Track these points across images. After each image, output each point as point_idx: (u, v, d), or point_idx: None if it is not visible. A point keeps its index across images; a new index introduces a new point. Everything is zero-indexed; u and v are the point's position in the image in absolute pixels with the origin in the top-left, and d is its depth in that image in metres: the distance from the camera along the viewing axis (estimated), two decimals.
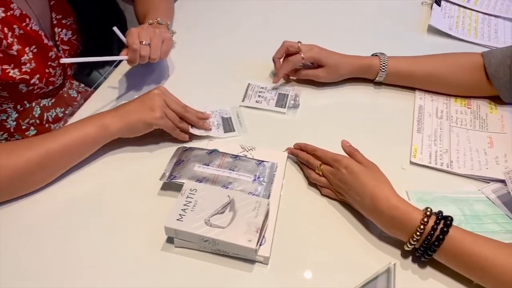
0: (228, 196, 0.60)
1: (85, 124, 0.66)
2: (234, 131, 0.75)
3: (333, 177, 0.63)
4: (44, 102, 0.89)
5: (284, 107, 0.81)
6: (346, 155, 0.65)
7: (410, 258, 0.60)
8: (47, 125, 0.92)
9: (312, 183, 0.68)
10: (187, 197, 0.60)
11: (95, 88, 0.85)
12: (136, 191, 0.66)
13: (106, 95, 0.82)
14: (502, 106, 0.83)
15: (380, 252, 0.61)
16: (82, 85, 1.06)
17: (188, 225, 0.57)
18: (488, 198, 0.67)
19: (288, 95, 0.83)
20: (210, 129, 0.74)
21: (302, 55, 0.80)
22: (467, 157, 0.73)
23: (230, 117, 0.77)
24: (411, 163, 0.73)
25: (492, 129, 0.78)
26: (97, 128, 0.66)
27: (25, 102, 0.84)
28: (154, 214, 0.63)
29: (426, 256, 0.56)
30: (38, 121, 0.90)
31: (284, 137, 0.75)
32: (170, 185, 0.65)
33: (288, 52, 0.83)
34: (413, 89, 0.86)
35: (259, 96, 0.83)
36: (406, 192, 0.67)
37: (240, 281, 0.57)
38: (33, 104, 0.86)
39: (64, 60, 0.69)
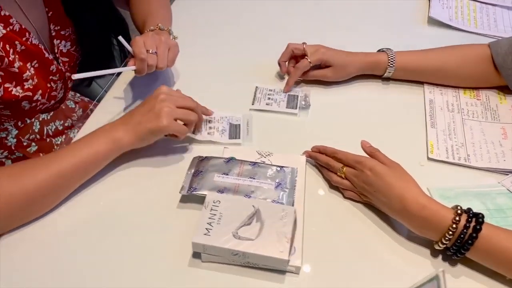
0: (253, 206, 0.59)
1: (95, 140, 0.63)
2: (238, 138, 0.73)
3: (357, 179, 0.62)
4: (43, 116, 0.86)
5: (295, 108, 0.79)
6: (367, 155, 0.64)
7: (440, 256, 0.60)
8: (48, 140, 0.89)
9: (333, 186, 0.67)
10: (211, 209, 0.58)
11: (98, 101, 0.83)
12: (154, 206, 0.64)
13: (111, 106, 0.80)
14: (511, 95, 0.83)
15: (410, 253, 0.60)
16: (78, 94, 1.03)
17: (217, 239, 0.55)
18: (509, 190, 0.67)
19: (297, 96, 0.81)
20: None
21: (309, 60, 0.79)
22: (483, 150, 0.73)
23: (239, 125, 0.75)
24: (429, 159, 0.72)
25: (504, 120, 0.78)
26: (108, 143, 0.63)
27: (26, 118, 0.81)
28: (176, 228, 0.61)
29: (459, 255, 0.56)
30: (38, 136, 0.87)
31: (298, 139, 0.74)
32: (189, 197, 0.64)
33: (293, 55, 0.82)
34: (421, 83, 0.86)
35: (269, 98, 0.81)
36: (427, 190, 0.67)
37: None
38: (33, 119, 0.83)
39: (76, 76, 0.66)
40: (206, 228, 0.56)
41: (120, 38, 0.73)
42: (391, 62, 0.81)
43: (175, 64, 0.84)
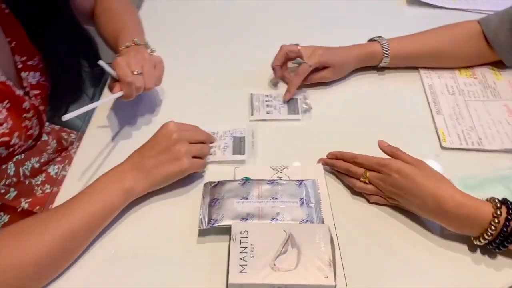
0: (284, 231, 0.54)
1: (105, 192, 0.57)
2: (243, 153, 0.68)
3: (383, 183, 0.59)
4: (16, 156, 0.77)
5: (298, 113, 0.75)
6: (387, 157, 0.61)
7: (479, 251, 0.58)
8: (27, 181, 0.80)
9: (356, 192, 0.64)
10: (241, 242, 0.53)
11: (76, 130, 0.75)
12: (172, 245, 0.58)
13: (98, 137, 0.72)
14: (506, 70, 0.82)
15: (448, 251, 0.58)
16: (47, 123, 0.94)
17: (254, 275, 0.50)
18: None
19: (297, 99, 0.77)
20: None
21: (309, 64, 0.75)
22: (493, 130, 0.72)
23: (243, 137, 0.70)
24: (442, 148, 0.70)
25: (505, 96, 0.78)
26: (120, 195, 0.57)
27: (2, 165, 0.72)
28: (201, 266, 0.56)
29: (502, 248, 0.54)
30: (15, 179, 0.78)
31: (307, 146, 0.71)
32: (209, 229, 0.58)
33: (287, 57, 0.78)
34: (416, 68, 0.84)
35: (268, 106, 0.76)
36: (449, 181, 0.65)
37: None
38: None
39: (67, 117, 0.58)
40: (240, 265, 0.51)
41: (101, 62, 0.65)
42: (386, 52, 0.79)
43: None
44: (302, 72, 0.75)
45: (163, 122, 0.73)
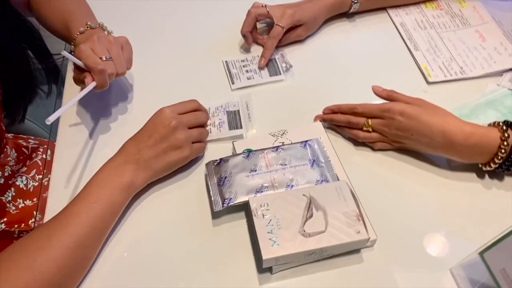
0: (304, 195, 0.52)
1: (105, 191, 0.51)
2: (240, 127, 0.64)
3: (388, 128, 0.59)
4: None
5: (280, 73, 0.72)
6: (386, 101, 0.60)
7: (487, 176, 0.59)
8: None
9: (359, 142, 0.63)
10: (263, 216, 0.51)
11: (53, 134, 0.67)
12: (188, 235, 0.55)
13: (73, 136, 0.65)
14: None
15: (461, 182, 0.59)
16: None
17: (288, 246, 0.48)
18: (510, 89, 0.69)
19: (275, 59, 0.74)
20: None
21: (281, 26, 0.71)
22: (471, 58, 0.73)
23: (238, 110, 0.66)
24: (429, 83, 0.70)
25: (474, 23, 0.79)
26: (121, 192, 0.52)
27: None
28: (225, 249, 0.53)
29: (511, 168, 0.56)
30: None
31: (298, 105, 0.68)
32: (222, 209, 0.55)
33: (257, 21, 0.74)
34: (383, 9, 0.82)
35: (247, 71, 0.72)
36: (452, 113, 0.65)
37: (358, 276, 0.51)
38: None
39: (51, 119, 0.51)
40: (270, 239, 0.49)
41: (64, 52, 0.58)
42: None
43: None
44: (276, 35, 0.71)
45: (139, 108, 0.68)
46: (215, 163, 0.58)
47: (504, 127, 0.54)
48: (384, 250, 0.53)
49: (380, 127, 0.59)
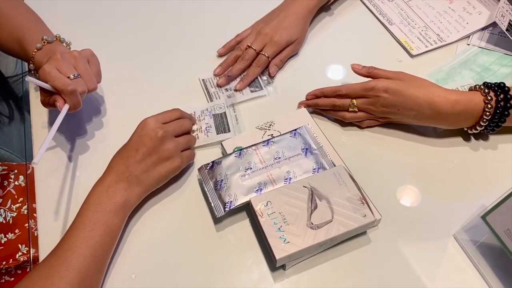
0: (305, 187, 0.52)
1: (101, 216, 0.49)
2: (228, 131, 0.62)
3: (374, 107, 0.59)
4: None
5: (262, 88, 0.68)
6: (369, 79, 0.60)
7: (472, 139, 0.61)
8: None
9: (346, 123, 0.63)
10: (268, 214, 0.50)
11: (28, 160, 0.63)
12: (193, 246, 0.53)
13: (50, 160, 0.61)
14: None
15: (449, 148, 0.61)
16: None
17: (299, 242, 0.48)
18: (480, 47, 0.70)
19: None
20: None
21: (265, 55, 0.68)
22: (444, 23, 0.74)
23: (224, 113, 0.64)
24: (413, 56, 0.70)
25: None
26: (116, 213, 0.50)
27: None
28: (233, 254, 0.52)
29: (496, 128, 0.57)
30: None
31: (283, 107, 0.66)
32: (223, 215, 0.54)
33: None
34: None
35: (226, 89, 0.67)
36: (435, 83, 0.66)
37: (368, 257, 0.52)
38: None
39: (37, 160, 0.48)
40: (280, 237, 0.48)
41: (29, 78, 0.53)
42: None
43: None
44: (261, 65, 0.68)
45: (114, 121, 0.65)
46: (208, 167, 0.56)
47: (486, 90, 0.55)
48: (388, 227, 0.54)
49: (366, 106, 0.59)
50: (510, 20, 0.66)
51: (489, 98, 0.55)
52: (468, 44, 0.71)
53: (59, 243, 0.48)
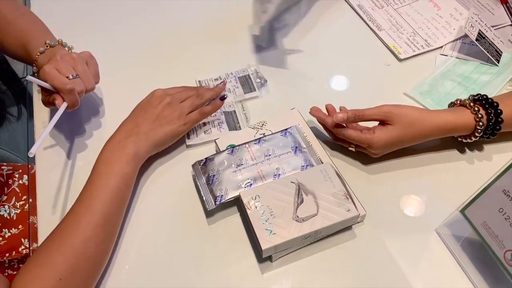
0: (292, 182, 0.54)
1: (114, 167, 0.54)
2: (240, 128, 0.65)
3: (374, 154, 0.60)
4: None
5: (255, 90, 0.70)
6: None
7: (467, 150, 0.63)
8: None
9: None
10: (256, 208, 0.52)
11: (30, 161, 0.66)
12: (185, 239, 0.55)
13: (51, 158, 0.64)
14: None
15: (448, 152, 0.62)
16: None
17: (284, 233, 0.50)
18: (457, 57, 0.72)
19: (248, 74, 0.72)
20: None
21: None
22: (431, 29, 0.76)
23: (233, 111, 0.67)
24: (400, 60, 0.73)
25: None
26: (128, 163, 0.55)
27: None
28: (224, 245, 0.55)
29: (491, 137, 0.59)
30: None
31: (279, 108, 0.68)
32: (214, 209, 0.56)
33: None
34: None
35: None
36: (405, 95, 0.69)
37: (353, 251, 0.54)
38: None
39: (34, 150, 0.51)
40: (266, 229, 0.51)
41: (30, 77, 0.56)
42: None
43: None
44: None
45: (112, 121, 0.67)
46: (201, 163, 0.59)
47: (472, 104, 0.57)
48: (373, 223, 0.56)
49: (366, 151, 0.60)
50: (479, 30, 0.68)
51: (479, 116, 0.56)
52: (441, 54, 0.73)
53: (81, 194, 0.53)
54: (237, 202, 0.57)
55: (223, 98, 0.64)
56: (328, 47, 0.77)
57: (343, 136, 0.58)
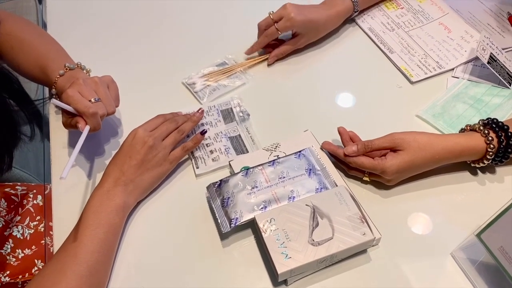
0: (307, 205, 0.55)
1: (103, 217, 0.54)
2: (247, 152, 0.65)
3: (388, 181, 0.60)
4: None
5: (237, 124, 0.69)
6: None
7: (479, 172, 0.63)
8: None
9: None
10: (271, 231, 0.53)
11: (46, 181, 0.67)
12: (200, 262, 0.56)
13: (69, 179, 0.64)
14: None
15: (459, 174, 0.62)
16: None
17: (300, 257, 0.50)
18: (469, 80, 0.73)
19: (231, 108, 0.71)
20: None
21: (276, 27, 0.74)
22: (443, 51, 0.77)
23: (238, 135, 0.67)
24: (412, 83, 0.74)
25: (436, 15, 0.83)
26: (117, 213, 0.55)
27: None
28: (239, 269, 0.55)
29: (504, 160, 0.59)
30: None
31: (292, 125, 0.69)
32: (229, 231, 0.56)
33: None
34: (350, 19, 0.85)
35: (202, 124, 0.69)
36: (417, 117, 0.69)
37: (369, 275, 0.54)
38: None
39: (65, 174, 0.52)
40: (282, 253, 0.51)
41: (54, 101, 0.58)
42: (356, 3, 0.79)
43: None
44: (269, 35, 0.75)
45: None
46: (216, 185, 0.59)
47: (486, 130, 0.57)
48: (388, 246, 0.56)
49: (381, 179, 0.60)
50: (491, 53, 0.69)
51: (489, 138, 0.57)
52: (453, 76, 0.74)
53: (66, 241, 0.52)
54: (251, 224, 0.57)
55: (203, 133, 0.65)
56: (340, 70, 0.78)
57: (355, 165, 0.59)
